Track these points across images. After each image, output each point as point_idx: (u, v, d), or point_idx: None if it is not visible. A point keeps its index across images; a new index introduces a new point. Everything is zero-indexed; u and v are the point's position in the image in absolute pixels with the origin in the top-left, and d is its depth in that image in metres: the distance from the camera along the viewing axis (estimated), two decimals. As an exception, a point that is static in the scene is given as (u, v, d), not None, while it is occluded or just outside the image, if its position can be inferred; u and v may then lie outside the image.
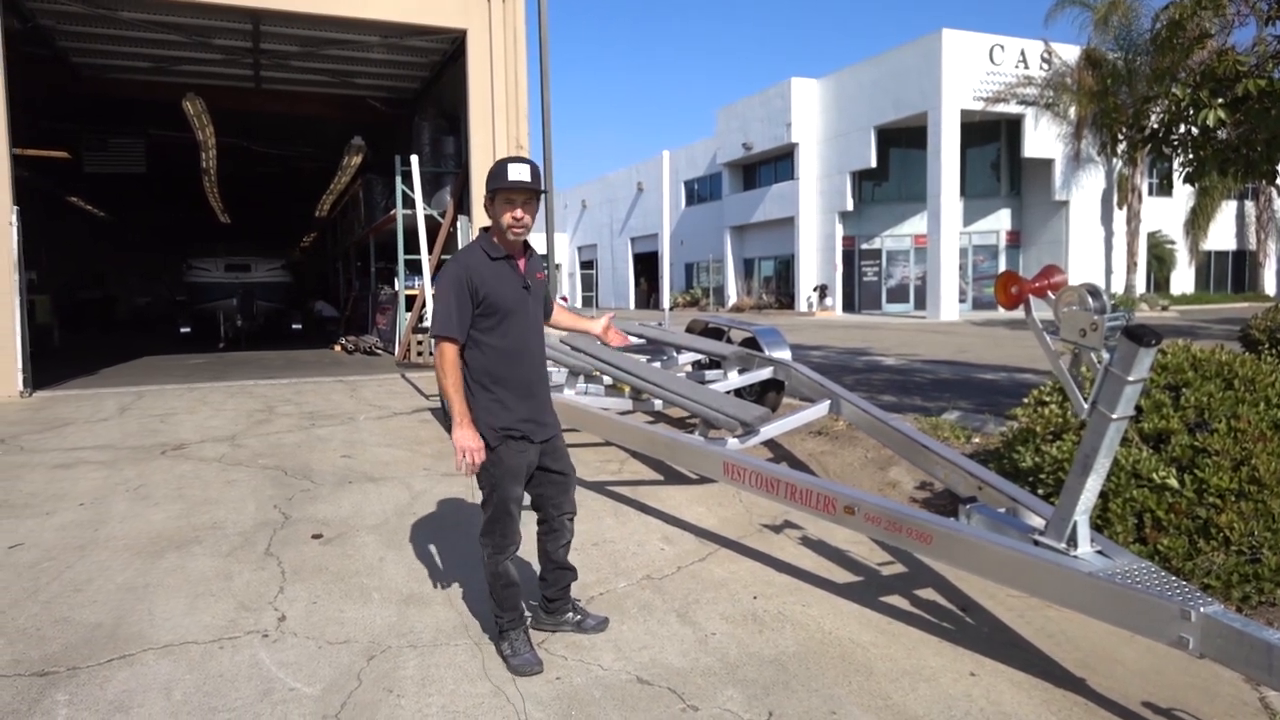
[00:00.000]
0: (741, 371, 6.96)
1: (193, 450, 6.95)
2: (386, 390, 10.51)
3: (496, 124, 11.82)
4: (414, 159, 8.75)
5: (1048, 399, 4.66)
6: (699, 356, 8.17)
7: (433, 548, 4.49)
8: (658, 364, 7.90)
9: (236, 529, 4.83)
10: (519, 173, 3.08)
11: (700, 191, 40.30)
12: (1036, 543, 3.07)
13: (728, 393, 6.53)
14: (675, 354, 8.11)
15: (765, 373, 6.91)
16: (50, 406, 9.36)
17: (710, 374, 7.62)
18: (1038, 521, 3.47)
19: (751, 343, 7.59)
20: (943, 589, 3.92)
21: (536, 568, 3.55)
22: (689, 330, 8.87)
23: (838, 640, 3.38)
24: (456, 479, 5.88)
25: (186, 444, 7.21)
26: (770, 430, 5.41)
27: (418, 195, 8.60)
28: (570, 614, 3.47)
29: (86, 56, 13.77)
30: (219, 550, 4.46)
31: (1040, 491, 4.15)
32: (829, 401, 5.68)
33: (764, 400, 7.34)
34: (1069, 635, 3.42)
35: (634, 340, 9.12)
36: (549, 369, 7.74)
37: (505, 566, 3.17)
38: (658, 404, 6.56)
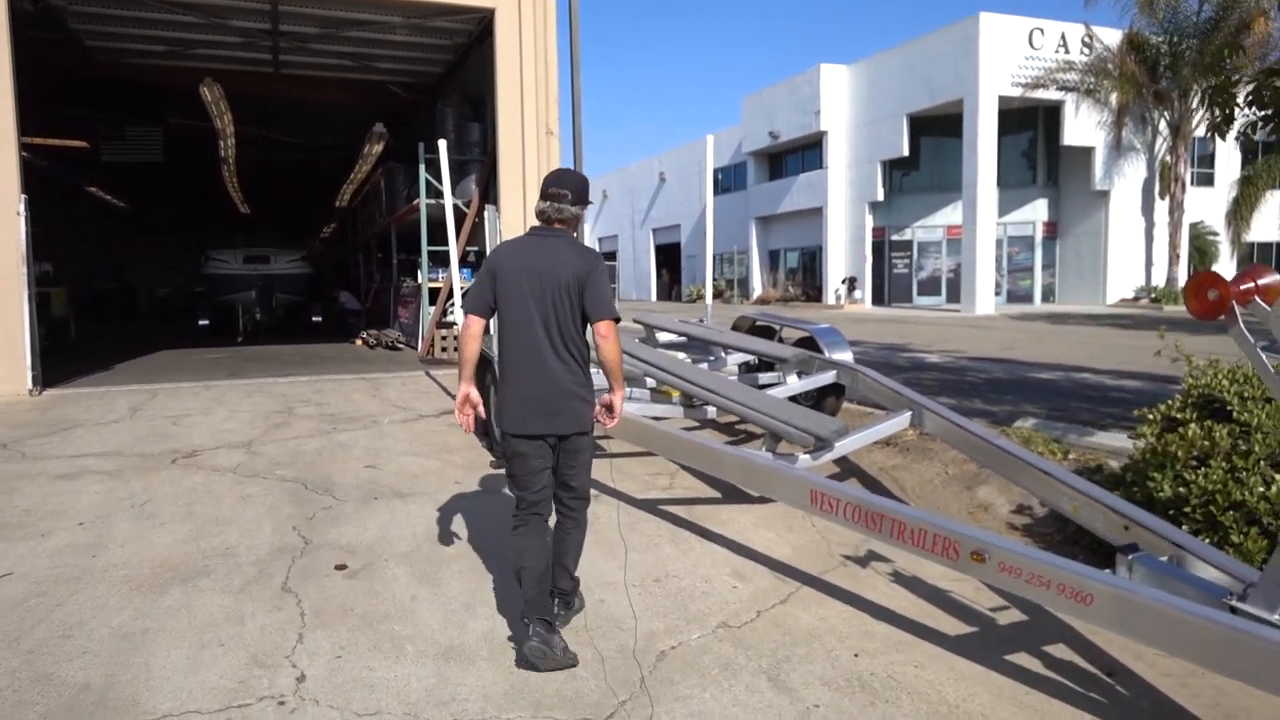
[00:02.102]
0: (801, 375, 6.36)
1: (205, 458, 6.44)
2: (411, 390, 9.98)
3: (526, 108, 11.23)
4: (442, 144, 8.19)
5: (1179, 415, 4.03)
6: (747, 357, 7.58)
7: (471, 584, 3.94)
8: (705, 365, 7.32)
9: (250, 556, 4.29)
10: None
11: (724, 181, 39.55)
12: (1234, 610, 2.46)
13: (787, 399, 5.95)
14: (724, 354, 7.52)
15: (827, 377, 6.31)
16: (59, 406, 8.90)
17: (764, 377, 7.02)
18: (1209, 573, 2.87)
19: (809, 343, 6.98)
20: (1076, 645, 3.32)
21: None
22: (735, 328, 8.27)
23: (969, 717, 2.79)
24: (492, 496, 5.33)
25: (199, 451, 6.70)
26: (846, 445, 4.83)
27: (446, 183, 8.05)
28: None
29: (100, 39, 13.28)
30: (230, 584, 3.92)
31: (1185, 528, 3.53)
32: (909, 412, 5.07)
33: (822, 406, 6.73)
34: (1251, 713, 2.81)
35: (674, 338, 8.56)
36: (595, 372, 7.19)
37: None
38: (711, 411, 5.98)
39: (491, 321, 3.38)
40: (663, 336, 8.54)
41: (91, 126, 18.64)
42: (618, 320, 3.26)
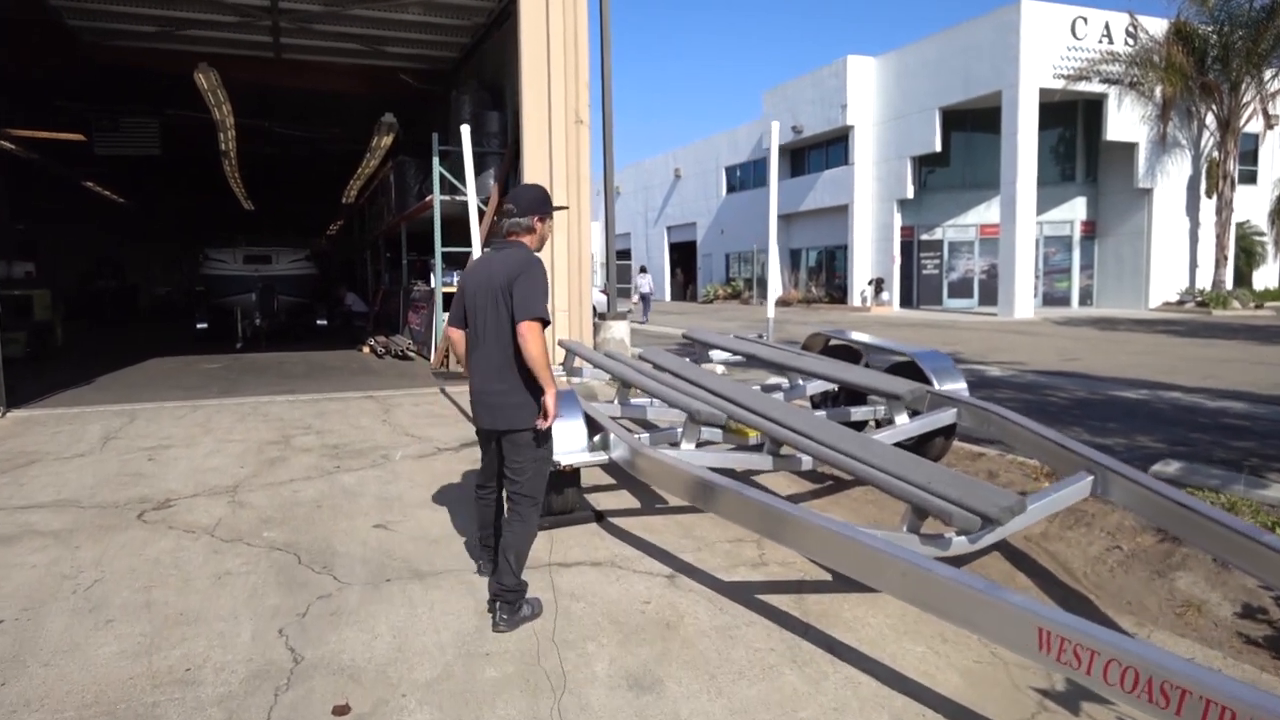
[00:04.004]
0: (911, 413, 5.16)
1: (179, 512, 5.27)
2: (425, 411, 8.82)
3: (553, 94, 10.02)
4: (465, 129, 7.06)
5: None
6: (828, 386, 6.38)
7: (529, 745, 2.75)
8: (779, 396, 6.12)
9: (219, 686, 3.11)
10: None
11: (742, 178, 38.34)
12: None
13: (896, 445, 4.76)
14: (800, 382, 6.31)
15: (944, 417, 5.12)
16: (22, 433, 7.74)
17: (856, 412, 5.83)
18: None
19: (908, 369, 5.79)
20: None
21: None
22: (807, 348, 7.08)
23: None
24: (538, 574, 4.14)
25: (174, 500, 5.53)
26: (1017, 524, 3.63)
27: (469, 174, 6.93)
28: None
29: (82, 18, 12.11)
30: (184, 743, 2.74)
31: None
32: (1089, 476, 3.87)
33: (927, 449, 5.54)
34: None
35: (730, 357, 7.38)
36: (647, 403, 6.01)
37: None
38: (806, 461, 4.76)
39: None
40: (718, 356, 7.37)
41: (84, 117, 17.56)
42: (544, 322, 3.49)
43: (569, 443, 4.71)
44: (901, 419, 5.09)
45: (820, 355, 6.64)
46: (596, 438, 4.85)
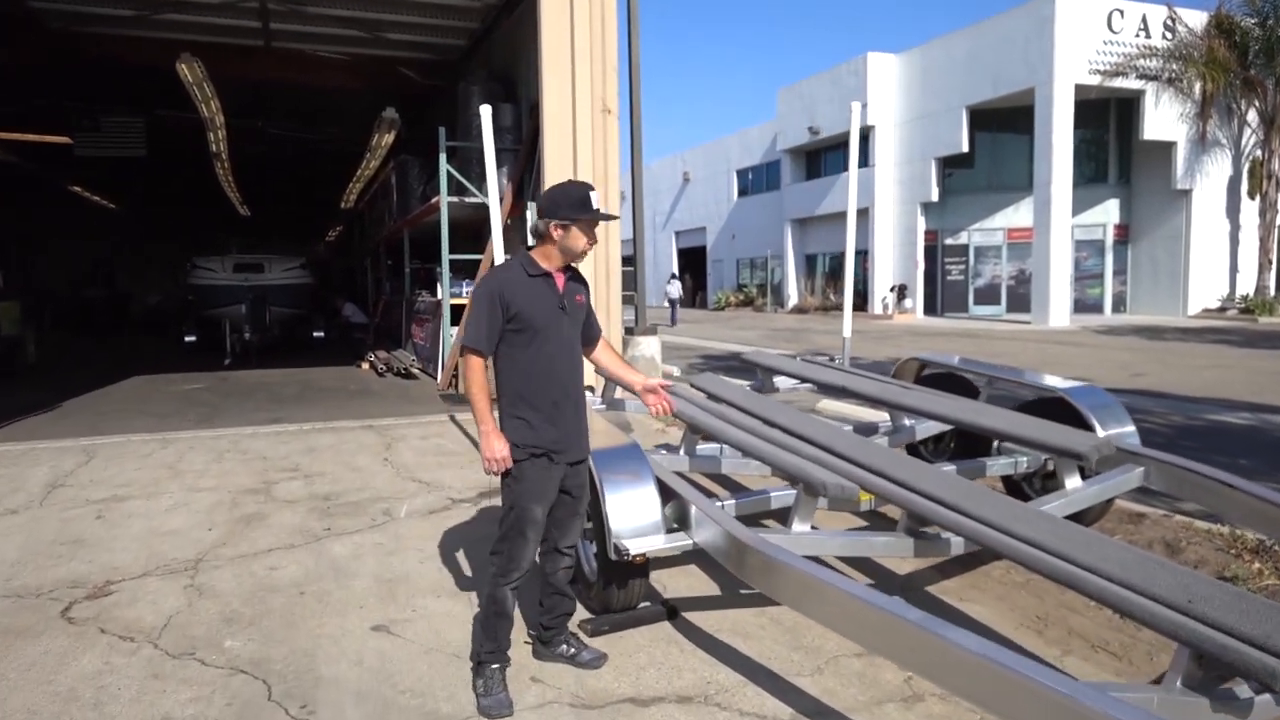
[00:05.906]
0: (1084, 474, 3.92)
1: (119, 603, 4.02)
2: (433, 446, 7.58)
3: (578, 80, 8.79)
4: (485, 110, 5.85)
5: None
6: (940, 427, 5.14)
7: None
8: (883, 440, 4.89)
9: None
10: (599, 202, 3.09)
11: (754, 181, 37.14)
12: None
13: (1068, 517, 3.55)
14: (908, 422, 5.07)
15: (1128, 479, 3.88)
16: (-45, 477, 6.51)
17: (994, 465, 4.60)
18: None
19: (1052, 407, 4.56)
20: None
21: None
22: (898, 375, 5.85)
23: None
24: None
25: (115, 582, 4.29)
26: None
27: (490, 163, 5.76)
28: (564, 646, 3.33)
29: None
30: None
31: None
32: None
33: (1084, 514, 4.29)
34: None
35: (800, 385, 6.15)
36: (716, 450, 4.78)
37: (505, 593, 3.09)
38: (957, 545, 3.52)
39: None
40: (784, 383, 6.14)
41: (62, 117, 16.40)
42: (474, 351, 3.00)
43: (635, 519, 3.50)
44: (1073, 482, 3.85)
45: (924, 388, 5.39)
46: (669, 507, 3.63)
